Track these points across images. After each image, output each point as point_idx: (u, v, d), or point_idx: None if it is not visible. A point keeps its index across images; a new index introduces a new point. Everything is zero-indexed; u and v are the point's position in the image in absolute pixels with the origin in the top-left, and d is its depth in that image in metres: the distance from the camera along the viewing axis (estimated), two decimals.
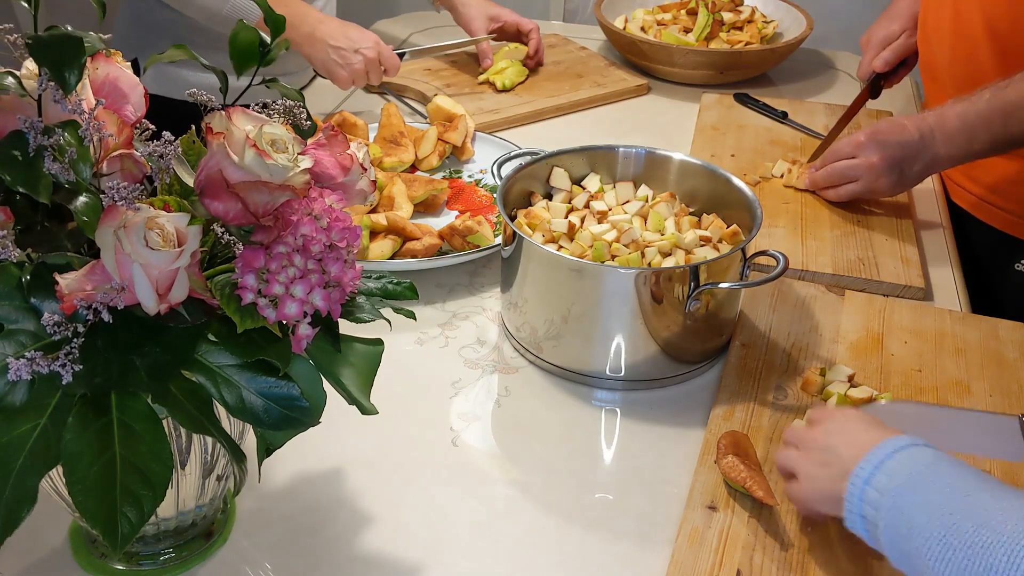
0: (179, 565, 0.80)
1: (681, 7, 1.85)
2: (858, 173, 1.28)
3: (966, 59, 1.33)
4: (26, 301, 0.60)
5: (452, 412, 0.98)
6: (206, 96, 0.67)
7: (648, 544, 0.84)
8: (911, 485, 0.68)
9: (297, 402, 0.66)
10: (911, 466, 0.69)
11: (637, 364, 1.00)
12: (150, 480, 0.61)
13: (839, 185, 1.31)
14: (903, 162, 1.24)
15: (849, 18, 2.47)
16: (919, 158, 1.24)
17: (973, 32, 1.30)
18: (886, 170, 1.25)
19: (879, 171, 1.26)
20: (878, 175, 1.26)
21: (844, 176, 1.30)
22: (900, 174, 1.25)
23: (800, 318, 1.11)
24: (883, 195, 1.31)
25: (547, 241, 1.07)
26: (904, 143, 1.24)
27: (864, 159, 1.27)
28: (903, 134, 1.24)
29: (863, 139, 1.27)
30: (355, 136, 1.41)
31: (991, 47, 1.29)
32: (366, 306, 0.72)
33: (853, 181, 1.29)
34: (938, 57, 1.39)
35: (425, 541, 0.84)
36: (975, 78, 1.31)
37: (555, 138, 1.57)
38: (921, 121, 1.24)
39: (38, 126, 0.59)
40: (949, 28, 1.35)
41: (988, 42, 1.29)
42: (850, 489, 0.72)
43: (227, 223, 0.63)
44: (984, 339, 1.08)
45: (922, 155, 1.23)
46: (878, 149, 1.25)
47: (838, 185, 1.32)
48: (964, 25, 1.32)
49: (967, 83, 1.35)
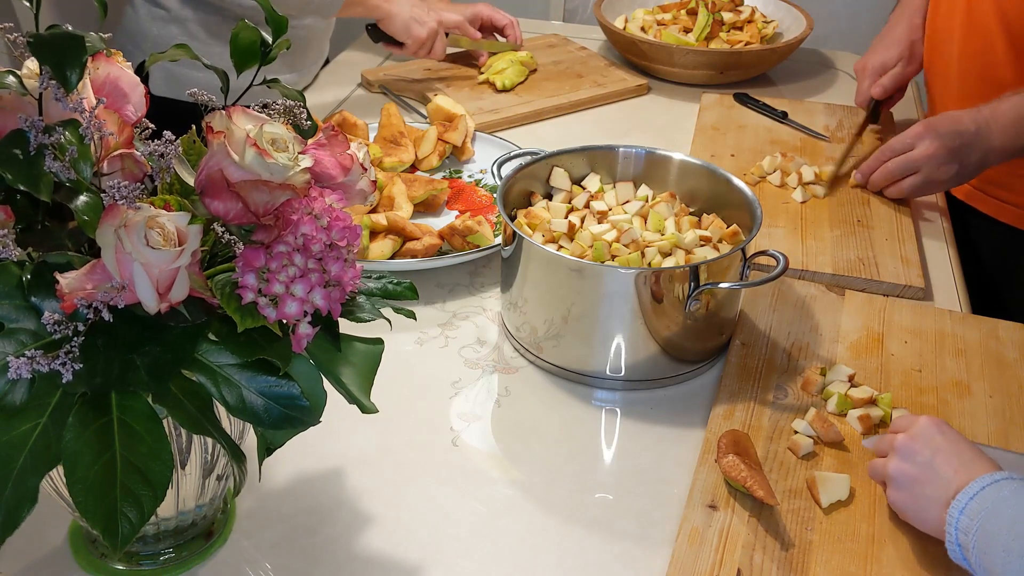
0: (179, 565, 0.80)
1: (681, 7, 1.85)
2: (918, 164, 1.27)
3: (978, 55, 1.33)
4: (26, 300, 0.60)
5: (452, 412, 0.98)
6: (207, 96, 0.67)
7: (648, 544, 0.84)
8: (996, 509, 0.72)
9: (297, 401, 0.66)
10: (999, 493, 0.73)
11: (637, 364, 1.00)
12: (150, 480, 0.61)
13: (899, 180, 1.30)
14: (961, 151, 1.24)
15: (849, 18, 2.47)
16: (976, 148, 1.23)
17: (987, 27, 1.30)
18: (946, 159, 1.24)
19: (939, 160, 1.25)
20: (939, 164, 1.25)
21: (905, 169, 1.29)
22: (960, 164, 1.24)
23: (800, 318, 1.11)
24: (943, 187, 1.29)
25: (547, 241, 1.07)
26: (961, 132, 1.24)
27: (922, 149, 1.26)
28: (959, 124, 1.24)
29: (920, 130, 1.27)
30: (355, 136, 1.41)
31: (1006, 41, 1.29)
32: (366, 306, 0.72)
33: (913, 173, 1.28)
34: (947, 55, 1.39)
35: (425, 541, 0.84)
36: (988, 73, 1.31)
37: (555, 138, 1.57)
38: (976, 113, 1.24)
39: (39, 125, 0.59)
40: (960, 23, 1.35)
41: (1002, 37, 1.29)
42: (948, 519, 0.75)
43: (227, 222, 0.63)
44: (984, 339, 1.08)
45: (978, 145, 1.23)
46: (936, 138, 1.25)
47: (899, 180, 1.30)
48: (977, 20, 1.32)
49: (979, 79, 1.35)
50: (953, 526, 0.74)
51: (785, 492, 0.88)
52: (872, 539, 0.83)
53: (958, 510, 0.74)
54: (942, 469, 0.79)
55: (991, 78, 1.29)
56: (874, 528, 0.84)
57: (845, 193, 1.38)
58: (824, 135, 1.55)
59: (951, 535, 0.74)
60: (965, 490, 0.75)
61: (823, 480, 0.87)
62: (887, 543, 0.83)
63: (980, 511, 0.73)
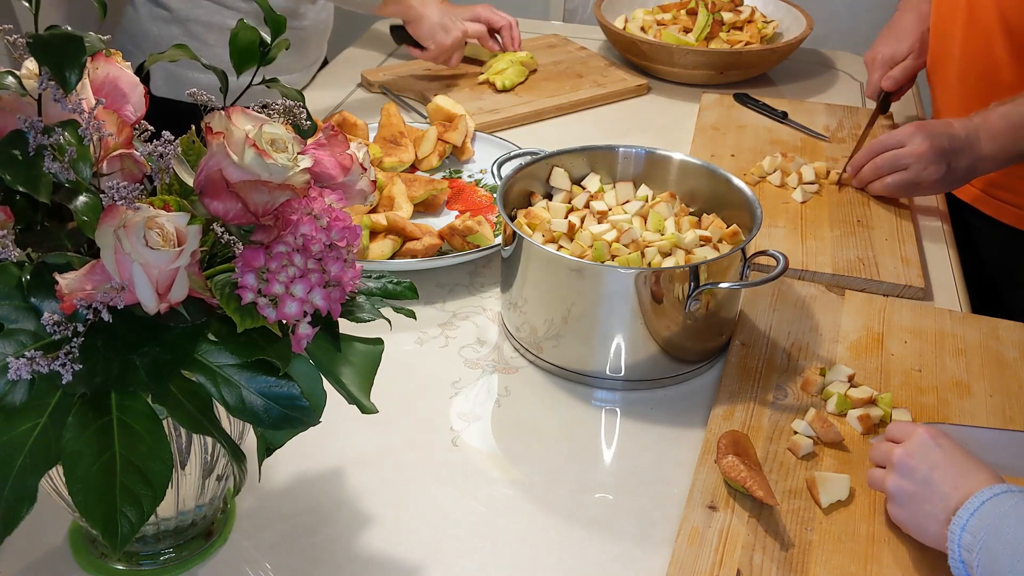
0: (179, 565, 0.80)
1: (681, 7, 1.85)
2: (907, 161, 1.27)
3: (979, 55, 1.33)
4: (26, 301, 0.60)
5: (452, 412, 0.98)
6: (206, 96, 0.67)
7: (648, 544, 0.84)
8: (998, 526, 0.71)
9: (297, 401, 0.66)
10: (1000, 508, 0.72)
11: (637, 364, 1.00)
12: (150, 480, 0.61)
13: (886, 175, 1.30)
14: (951, 155, 1.24)
15: (849, 18, 2.47)
16: (965, 153, 1.24)
17: (988, 27, 1.30)
18: (935, 159, 1.24)
19: (928, 159, 1.25)
20: (927, 163, 1.25)
21: (893, 165, 1.29)
22: (948, 167, 1.25)
23: (800, 318, 1.11)
24: (929, 188, 1.29)
25: (547, 241, 1.07)
26: (952, 136, 1.24)
27: (912, 147, 1.26)
28: (950, 128, 1.25)
29: (912, 129, 1.27)
30: (355, 136, 1.41)
31: (1006, 42, 1.29)
32: (366, 306, 0.72)
33: (901, 170, 1.28)
34: (950, 54, 1.39)
35: (425, 541, 0.84)
36: (988, 74, 1.31)
37: (555, 138, 1.57)
38: (967, 121, 1.25)
39: (38, 125, 0.59)
40: (962, 24, 1.35)
41: (1003, 37, 1.29)
42: (950, 536, 0.74)
43: (227, 223, 0.63)
44: (984, 339, 1.08)
45: (968, 151, 1.23)
46: (927, 137, 1.25)
47: (885, 176, 1.30)
48: (978, 20, 1.32)
49: (979, 79, 1.35)
50: (956, 543, 0.74)
51: (785, 492, 0.88)
52: (872, 539, 0.83)
53: (959, 527, 0.74)
54: (940, 485, 0.78)
55: (992, 78, 1.29)
56: (874, 528, 0.84)
57: (845, 193, 1.38)
58: (824, 135, 1.55)
59: (954, 552, 0.74)
60: (965, 505, 0.74)
61: (823, 480, 0.87)
62: (887, 543, 0.83)
63: (982, 528, 0.72)
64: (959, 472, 0.78)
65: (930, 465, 0.79)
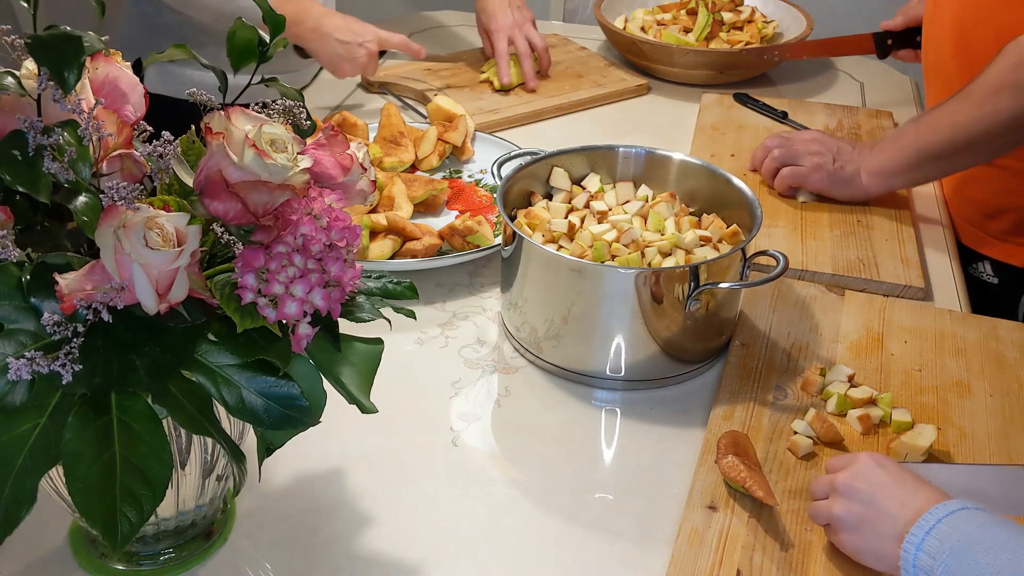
0: (179, 565, 0.80)
1: (681, 7, 1.85)
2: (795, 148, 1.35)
3: (973, 58, 1.34)
4: (26, 301, 0.60)
5: (452, 412, 0.98)
6: (206, 96, 0.67)
7: (648, 544, 0.84)
8: (960, 548, 0.68)
9: (297, 401, 0.66)
10: (961, 529, 0.70)
11: (637, 364, 1.00)
12: (150, 480, 0.61)
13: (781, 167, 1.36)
14: (837, 152, 1.32)
15: (849, 18, 2.47)
16: (851, 160, 1.31)
17: (977, 30, 1.31)
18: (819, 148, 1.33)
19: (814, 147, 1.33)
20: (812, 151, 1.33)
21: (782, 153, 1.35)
22: (833, 162, 1.31)
23: (800, 318, 1.11)
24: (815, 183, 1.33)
25: (547, 241, 1.07)
26: (844, 139, 1.36)
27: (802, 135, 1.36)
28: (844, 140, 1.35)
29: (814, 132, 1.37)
30: (355, 136, 1.41)
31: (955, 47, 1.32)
32: (366, 306, 0.72)
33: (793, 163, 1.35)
34: (943, 55, 1.39)
35: (425, 541, 0.84)
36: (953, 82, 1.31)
37: (555, 138, 1.57)
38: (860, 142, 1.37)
39: (38, 126, 0.59)
40: (951, 26, 1.35)
41: (953, 42, 1.32)
42: (903, 556, 0.72)
43: (227, 223, 0.63)
44: (984, 339, 1.08)
45: (854, 158, 1.31)
46: (819, 133, 1.36)
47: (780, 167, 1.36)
48: (968, 23, 1.32)
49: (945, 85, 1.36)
50: (911, 563, 0.71)
51: (785, 492, 0.88)
52: None
53: (914, 546, 0.71)
54: (886, 504, 0.75)
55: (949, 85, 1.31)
56: None
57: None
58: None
59: (907, 571, 0.71)
60: (919, 523, 0.71)
61: None
62: None
63: (944, 551, 0.69)
64: (904, 491, 0.75)
65: (874, 486, 0.77)
